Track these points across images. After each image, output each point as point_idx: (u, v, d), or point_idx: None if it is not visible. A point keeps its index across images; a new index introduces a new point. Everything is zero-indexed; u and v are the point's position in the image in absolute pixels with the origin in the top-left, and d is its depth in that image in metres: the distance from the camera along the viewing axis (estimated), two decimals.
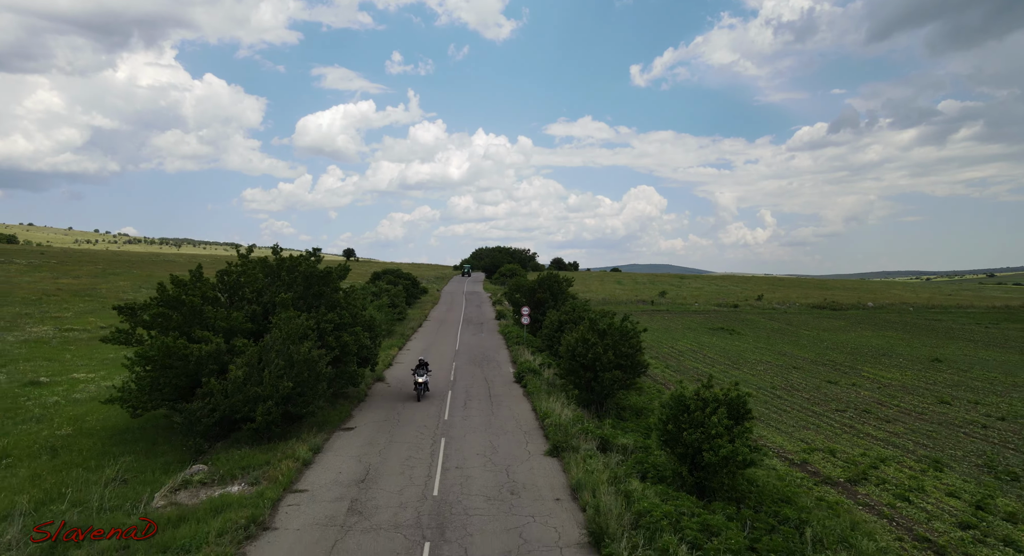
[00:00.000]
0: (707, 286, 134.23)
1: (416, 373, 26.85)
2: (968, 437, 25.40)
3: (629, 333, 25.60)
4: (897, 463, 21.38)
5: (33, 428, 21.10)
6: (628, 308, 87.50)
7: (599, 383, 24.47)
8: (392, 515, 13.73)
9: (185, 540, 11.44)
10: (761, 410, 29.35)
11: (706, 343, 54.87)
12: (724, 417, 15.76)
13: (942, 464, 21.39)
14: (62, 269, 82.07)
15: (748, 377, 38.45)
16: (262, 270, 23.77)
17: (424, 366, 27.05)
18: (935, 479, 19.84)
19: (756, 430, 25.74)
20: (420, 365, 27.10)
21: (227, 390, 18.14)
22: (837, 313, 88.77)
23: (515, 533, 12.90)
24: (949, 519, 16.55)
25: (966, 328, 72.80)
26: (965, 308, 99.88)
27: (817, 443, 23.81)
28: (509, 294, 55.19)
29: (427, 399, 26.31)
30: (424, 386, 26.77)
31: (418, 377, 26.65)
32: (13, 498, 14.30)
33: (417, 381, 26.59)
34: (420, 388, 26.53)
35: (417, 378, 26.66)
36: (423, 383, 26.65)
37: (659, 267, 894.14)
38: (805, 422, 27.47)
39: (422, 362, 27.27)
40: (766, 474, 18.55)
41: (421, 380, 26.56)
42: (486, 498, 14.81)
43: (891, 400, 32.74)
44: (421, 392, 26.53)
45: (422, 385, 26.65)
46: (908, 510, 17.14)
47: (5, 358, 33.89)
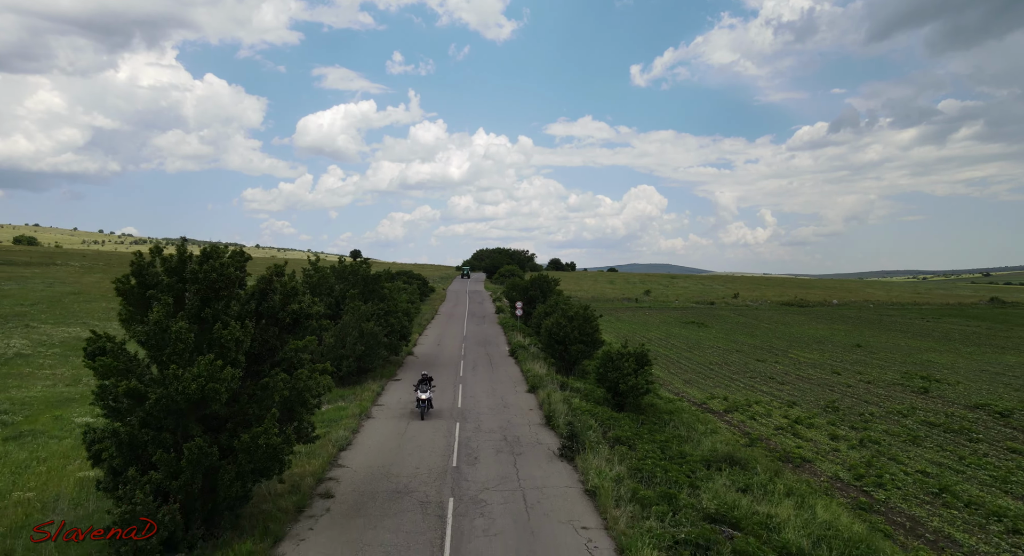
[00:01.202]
0: (694, 285, 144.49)
1: (419, 388, 24.11)
2: (831, 392, 35.65)
3: (590, 319, 35.86)
4: (765, 404, 31.64)
5: None
6: (615, 305, 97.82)
7: (568, 353, 34.76)
8: (434, 412, 24.05)
9: (333, 417, 21.77)
10: (691, 377, 39.71)
11: (674, 334, 65.13)
12: (632, 363, 26.07)
13: (796, 404, 31.69)
14: (111, 271, 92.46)
15: (696, 357, 48.69)
16: (332, 274, 34.11)
17: (427, 381, 24.43)
18: (784, 411, 30.11)
19: (678, 386, 36.29)
20: (423, 380, 24.46)
21: (323, 351, 28.48)
22: (802, 310, 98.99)
23: (505, 420, 23.24)
24: (772, 427, 26.84)
25: (908, 322, 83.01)
26: (921, 305, 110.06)
27: (718, 394, 34.09)
28: (507, 292, 65.56)
29: (444, 366, 36.35)
30: (428, 403, 23.82)
31: (420, 393, 23.88)
32: None
33: (420, 398, 23.75)
34: (423, 406, 23.72)
35: (420, 394, 23.87)
36: (426, 400, 23.76)
37: (659, 267, 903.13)
38: (719, 383, 37.76)
39: (425, 377, 24.66)
40: (667, 404, 28.84)
41: (424, 396, 23.73)
42: (489, 408, 25.16)
43: (796, 371, 43.02)
44: (424, 409, 23.76)
45: (425, 402, 23.73)
46: (751, 424, 27.42)
47: None
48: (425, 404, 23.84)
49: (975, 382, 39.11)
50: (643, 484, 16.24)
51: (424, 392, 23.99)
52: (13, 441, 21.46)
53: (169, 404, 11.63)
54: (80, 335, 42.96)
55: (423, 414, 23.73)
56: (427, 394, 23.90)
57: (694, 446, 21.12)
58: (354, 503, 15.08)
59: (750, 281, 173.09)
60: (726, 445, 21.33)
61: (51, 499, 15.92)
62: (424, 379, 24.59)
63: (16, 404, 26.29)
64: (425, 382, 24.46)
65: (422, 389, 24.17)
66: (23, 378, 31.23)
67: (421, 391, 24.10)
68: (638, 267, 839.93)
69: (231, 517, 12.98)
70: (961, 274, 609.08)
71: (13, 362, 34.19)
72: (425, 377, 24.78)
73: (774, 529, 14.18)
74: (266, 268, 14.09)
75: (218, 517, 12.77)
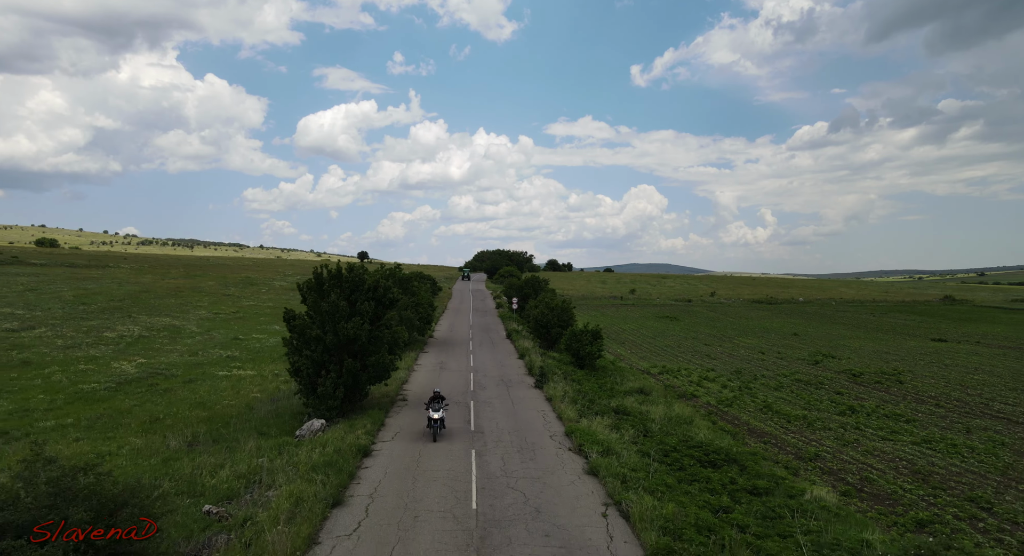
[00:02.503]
0: (679, 285, 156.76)
1: (430, 407, 21.43)
2: (747, 364, 47.80)
3: (567, 310, 48.16)
4: (690, 370, 43.80)
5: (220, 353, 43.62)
6: (602, 302, 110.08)
7: (550, 335, 47.00)
8: (456, 368, 36.37)
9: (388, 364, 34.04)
10: (647, 355, 51.96)
11: (648, 326, 77.34)
12: (589, 337, 38.35)
13: (713, 370, 43.91)
14: (157, 272, 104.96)
15: (657, 342, 60.88)
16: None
17: (439, 399, 21.72)
18: (701, 374, 42.28)
19: (634, 360, 48.43)
20: (434, 398, 21.76)
21: None
22: (770, 306, 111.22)
23: (501, 372, 35.65)
24: (686, 381, 39.11)
25: (855, 316, 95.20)
26: (879, 302, 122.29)
27: (660, 364, 46.32)
28: (506, 291, 77.87)
29: (457, 344, 48.71)
30: (440, 423, 21.17)
31: (432, 412, 21.21)
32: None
33: (432, 417, 21.08)
34: (436, 426, 21.09)
35: (431, 413, 21.15)
36: (439, 420, 21.06)
37: (658, 267, 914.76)
38: (666, 359, 50.01)
39: (436, 395, 21.88)
40: (616, 366, 41.09)
41: (436, 416, 21.04)
42: (491, 366, 37.55)
43: (732, 351, 55.22)
44: (437, 430, 21.14)
45: (438, 422, 21.07)
46: (672, 380, 39.64)
47: (215, 325, 56.37)
48: (437, 424, 21.04)
49: (863, 358, 51.30)
50: (580, 396, 28.56)
51: (436, 411, 21.13)
52: (187, 384, 33.69)
53: (335, 343, 23.92)
54: (171, 323, 55.25)
55: (435, 435, 21.00)
56: (439, 413, 21.10)
57: (622, 385, 33.44)
58: (417, 402, 27.44)
59: (736, 280, 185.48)
60: (643, 386, 33.64)
61: (243, 407, 28.12)
62: (436, 397, 21.68)
63: (167, 366, 38.53)
64: (437, 400, 21.58)
65: (433, 408, 21.23)
66: (154, 351, 43.46)
67: (433, 410, 21.13)
68: (638, 267, 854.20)
69: (361, 400, 25.40)
70: (957, 273, 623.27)
71: (140, 341, 46.45)
72: (437, 395, 21.75)
73: (647, 415, 26.47)
74: (373, 272, 26.43)
75: (358, 400, 25.18)
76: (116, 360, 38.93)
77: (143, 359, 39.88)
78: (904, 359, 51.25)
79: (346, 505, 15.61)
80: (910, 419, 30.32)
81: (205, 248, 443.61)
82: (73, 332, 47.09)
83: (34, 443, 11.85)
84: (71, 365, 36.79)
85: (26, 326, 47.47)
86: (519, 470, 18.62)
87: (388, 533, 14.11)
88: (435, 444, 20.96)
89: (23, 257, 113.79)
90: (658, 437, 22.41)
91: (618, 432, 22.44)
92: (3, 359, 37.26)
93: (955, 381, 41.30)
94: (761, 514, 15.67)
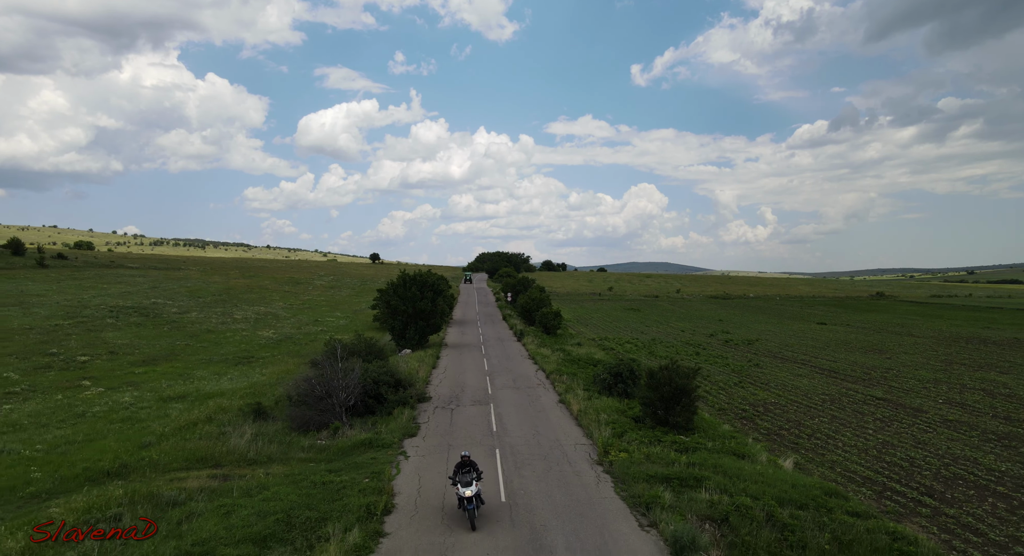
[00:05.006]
0: (656, 283, 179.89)
1: (457, 479, 15.71)
2: (663, 336, 70.85)
3: (545, 300, 71.41)
4: (620, 338, 66.85)
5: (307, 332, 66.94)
6: (584, 297, 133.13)
7: (531, 316, 70.25)
8: (471, 332, 59.59)
9: (433, 340, 57.27)
10: (601, 332, 75.12)
11: (612, 315, 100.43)
12: (552, 315, 61.75)
13: (636, 339, 66.98)
14: (220, 273, 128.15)
15: (614, 325, 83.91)
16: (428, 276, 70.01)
17: (470, 469, 15.92)
18: (625, 339, 65.37)
19: (588, 333, 71.99)
20: (461, 464, 16.00)
21: None
22: (722, 301, 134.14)
23: (497, 335, 59.07)
24: (614, 343, 62.29)
25: (782, 308, 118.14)
26: (817, 298, 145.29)
27: (604, 335, 69.40)
28: (503, 288, 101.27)
29: (470, 323, 71.96)
30: (477, 502, 15.58)
31: (462, 487, 15.46)
32: None
33: (464, 496, 15.29)
34: (472, 508, 15.33)
35: (462, 491, 15.37)
36: (472, 498, 15.29)
37: (658, 265, 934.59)
38: (610, 333, 73.05)
39: (465, 460, 16.07)
40: (572, 335, 64.40)
41: (469, 493, 15.28)
42: (493, 337, 60.80)
43: (664, 330, 78.31)
44: (473, 514, 15.34)
45: (471, 501, 15.31)
46: (605, 342, 62.79)
47: (295, 313, 79.45)
48: (473, 505, 15.44)
49: (750, 334, 74.23)
50: (542, 345, 51.80)
51: (468, 485, 15.52)
52: (313, 342, 56.60)
53: (412, 312, 47.28)
54: (266, 311, 78.33)
55: (473, 522, 15.23)
56: (473, 489, 15.43)
57: (568, 343, 56.75)
58: (453, 342, 50.72)
59: (732, 280, 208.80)
60: (580, 342, 56.94)
61: None
62: (464, 464, 16.03)
63: (290, 334, 61.40)
64: (467, 469, 15.93)
65: (463, 481, 15.63)
66: (274, 327, 66.42)
67: (463, 484, 15.54)
68: (637, 266, 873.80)
69: (425, 342, 49.03)
70: (948, 272, 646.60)
71: (259, 321, 69.46)
72: (465, 460, 16.10)
73: (571, 351, 49.75)
74: (425, 274, 49.91)
75: (424, 342, 48.81)
76: (258, 331, 62.15)
77: (272, 331, 63.10)
78: (776, 334, 74.34)
79: (438, 367, 39.13)
80: (737, 362, 53.53)
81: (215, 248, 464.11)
82: (212, 316, 70.26)
83: (331, 338, 35.13)
84: (235, 333, 59.94)
85: (183, 311, 70.73)
86: (504, 365, 41.89)
87: (455, 373, 37.46)
88: (466, 356, 44.40)
89: (71, 258, 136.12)
90: (574, 357, 45.73)
91: (555, 355, 45.79)
92: (192, 330, 60.50)
93: (792, 345, 64.42)
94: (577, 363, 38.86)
